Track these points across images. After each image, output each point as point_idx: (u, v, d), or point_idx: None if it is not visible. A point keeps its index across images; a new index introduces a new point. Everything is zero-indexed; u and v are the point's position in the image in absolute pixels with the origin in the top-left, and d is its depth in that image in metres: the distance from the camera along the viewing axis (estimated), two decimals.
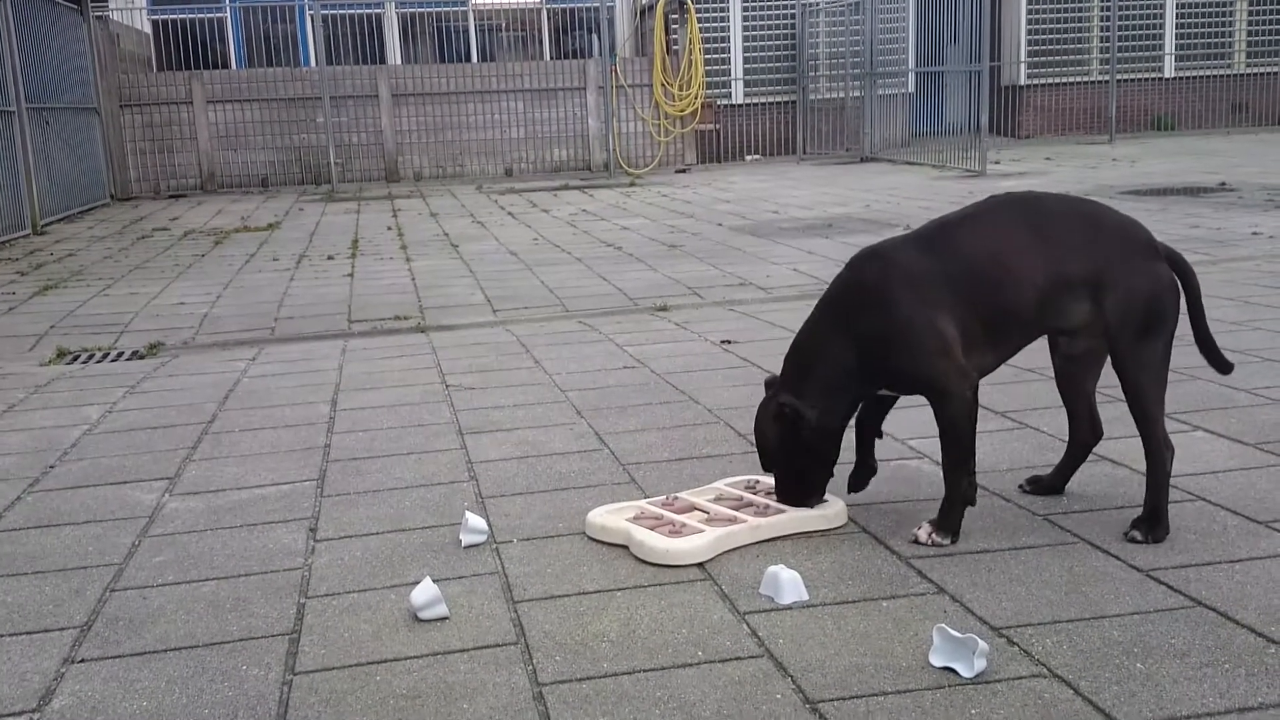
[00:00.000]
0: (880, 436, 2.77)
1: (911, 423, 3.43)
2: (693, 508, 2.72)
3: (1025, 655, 2.02)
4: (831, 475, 2.69)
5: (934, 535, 2.53)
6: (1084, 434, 2.76)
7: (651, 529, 2.57)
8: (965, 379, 2.45)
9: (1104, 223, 2.51)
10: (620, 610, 2.28)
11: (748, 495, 2.79)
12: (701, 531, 2.55)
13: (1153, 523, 2.50)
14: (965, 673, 1.95)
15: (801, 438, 2.58)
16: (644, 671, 2.03)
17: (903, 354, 2.45)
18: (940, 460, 2.56)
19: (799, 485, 2.67)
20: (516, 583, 2.44)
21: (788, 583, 2.29)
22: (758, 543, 2.58)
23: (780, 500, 2.70)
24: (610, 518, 2.66)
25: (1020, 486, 2.84)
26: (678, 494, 2.82)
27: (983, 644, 1.96)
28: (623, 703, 1.93)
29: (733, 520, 2.62)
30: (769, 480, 2.84)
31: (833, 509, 2.69)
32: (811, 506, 2.68)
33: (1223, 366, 2.68)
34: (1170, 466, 2.52)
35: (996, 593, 2.27)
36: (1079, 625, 2.12)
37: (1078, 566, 2.37)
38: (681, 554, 2.48)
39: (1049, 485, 2.81)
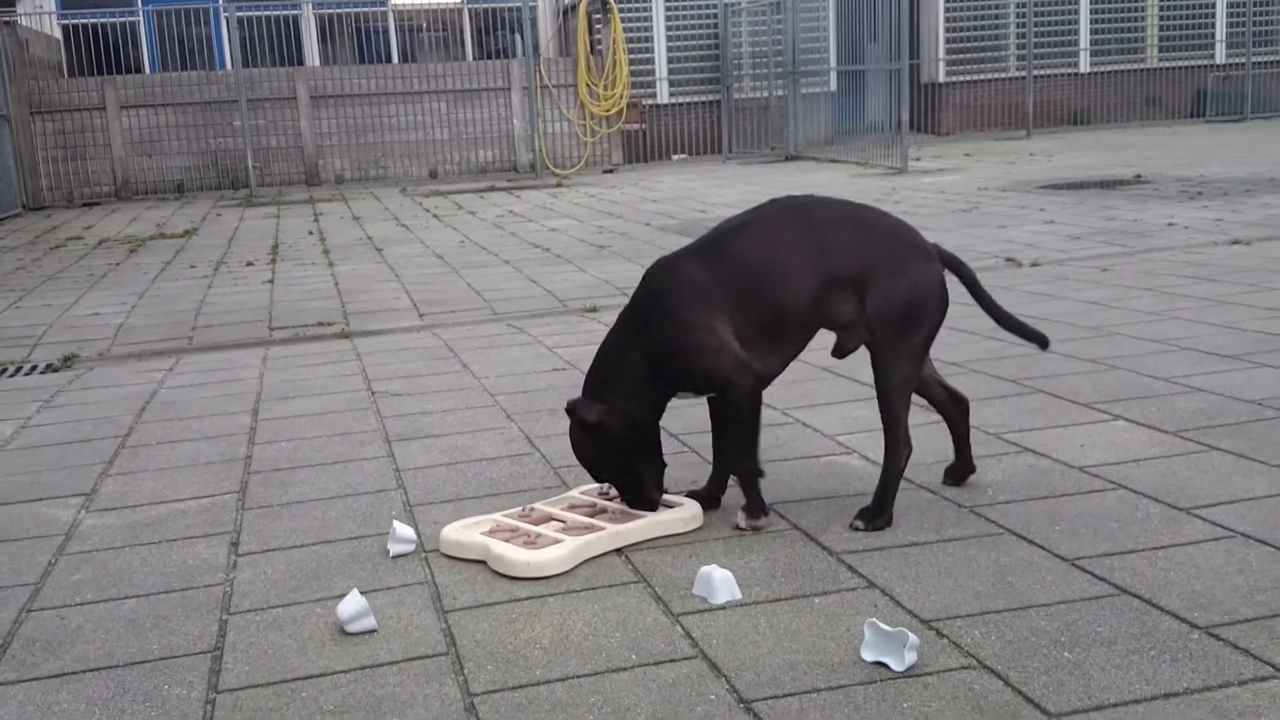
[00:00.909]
0: None
1: (841, 419, 3.45)
2: (550, 518, 2.69)
3: (955, 647, 2.03)
4: (665, 464, 2.73)
5: (749, 521, 2.66)
6: (950, 410, 2.84)
7: (507, 541, 2.53)
8: (745, 372, 2.58)
9: (872, 226, 2.68)
10: (553, 616, 2.26)
11: (601, 502, 2.77)
12: (560, 541, 2.51)
13: (875, 513, 2.62)
14: (896, 666, 1.96)
15: (618, 439, 2.62)
16: (577, 677, 2.01)
17: (686, 356, 2.58)
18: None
19: (639, 483, 2.68)
20: (446, 592, 2.40)
21: (720, 582, 2.29)
22: (617, 550, 2.56)
23: (629, 503, 2.69)
24: (465, 533, 2.60)
25: (945, 481, 2.87)
26: (534, 505, 2.77)
27: (913, 637, 1.97)
28: (556, 710, 1.91)
29: (590, 528, 2.59)
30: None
31: (689, 511, 2.69)
32: (657, 501, 2.69)
33: (1040, 341, 2.89)
34: (904, 464, 2.64)
35: (925, 585, 2.28)
36: (1007, 616, 2.14)
37: (1004, 557, 2.40)
38: (542, 565, 2.44)
39: (961, 469, 2.86)
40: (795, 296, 2.58)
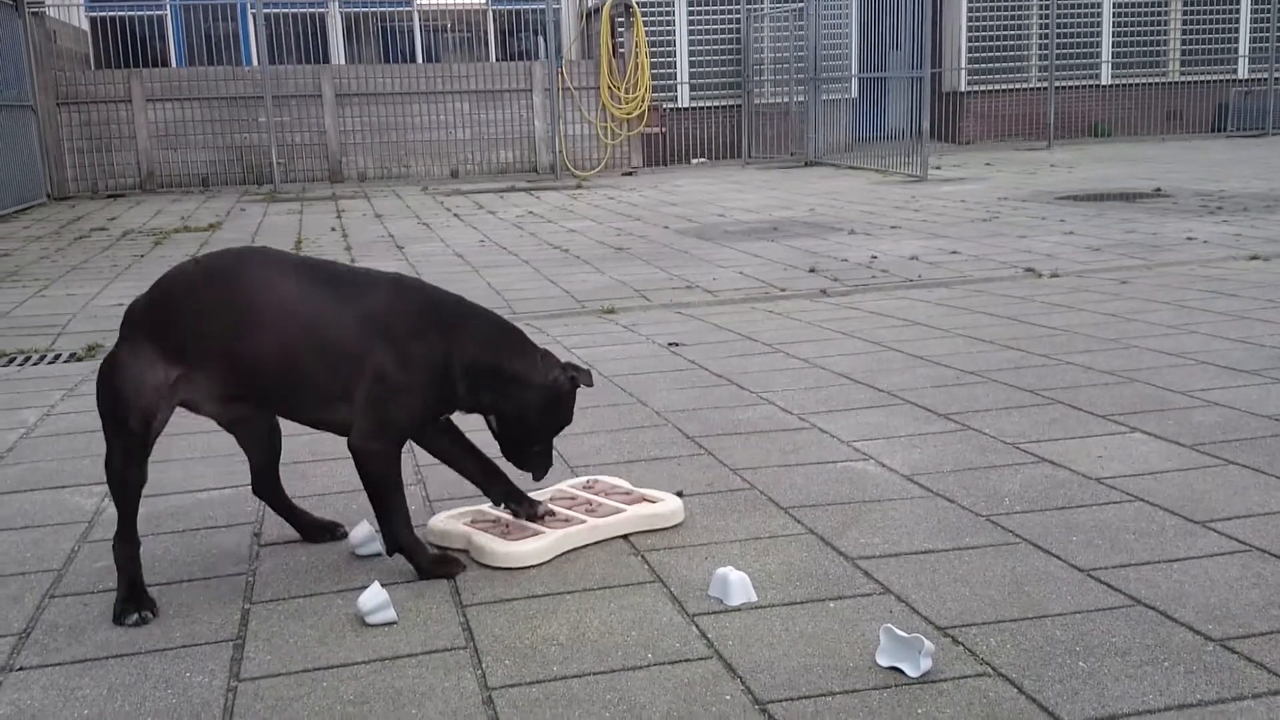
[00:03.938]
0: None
1: (858, 425, 3.47)
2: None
3: (970, 654, 2.04)
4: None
5: None
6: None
7: (486, 531, 2.56)
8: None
9: None
10: (569, 613, 2.28)
11: (582, 494, 2.80)
12: (541, 533, 2.55)
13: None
14: (911, 672, 1.97)
15: None
16: (593, 674, 2.03)
17: None
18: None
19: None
20: (465, 586, 2.42)
21: (736, 584, 2.30)
22: (597, 542, 2.59)
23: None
24: (450, 522, 2.64)
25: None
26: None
27: (928, 644, 1.98)
28: (572, 706, 1.93)
29: (569, 520, 2.62)
30: (608, 480, 2.89)
31: (669, 506, 2.71)
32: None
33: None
34: None
35: (941, 593, 2.30)
36: (1022, 624, 2.15)
37: (1020, 566, 2.41)
38: (522, 556, 2.47)
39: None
40: None
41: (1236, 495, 2.76)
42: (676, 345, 4.73)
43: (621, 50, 15.89)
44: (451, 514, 2.70)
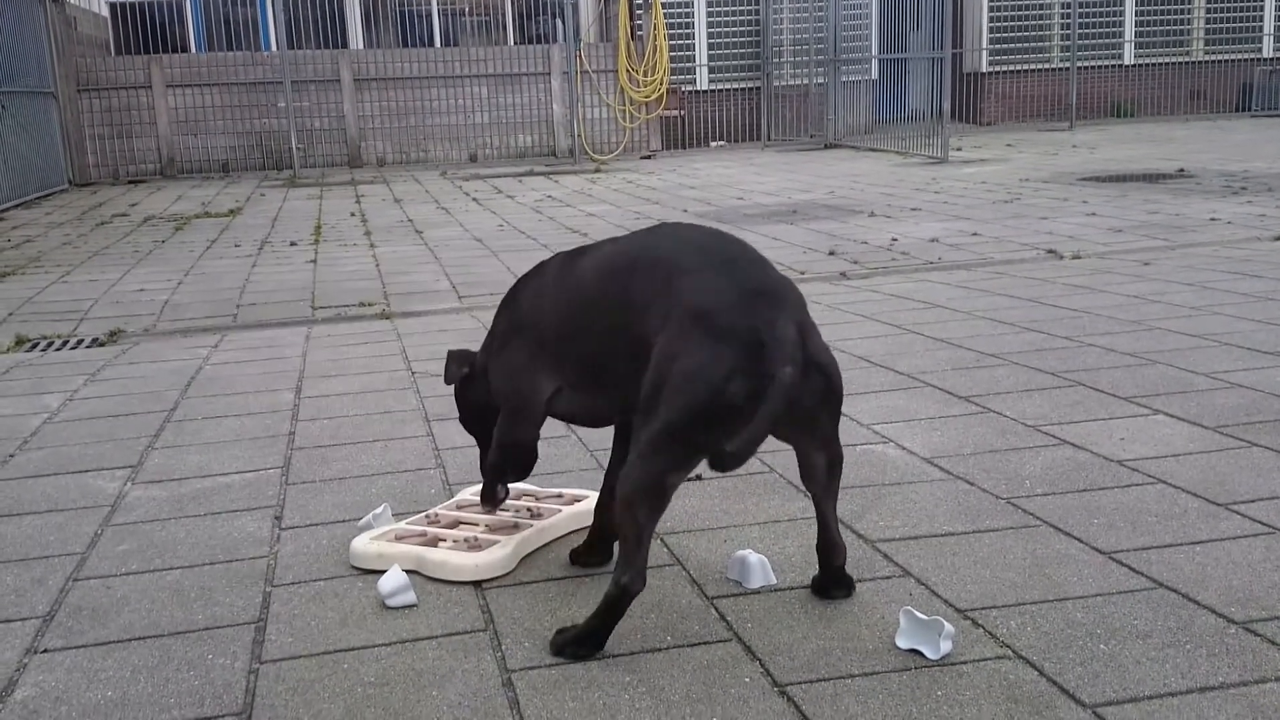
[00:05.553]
0: None
1: (878, 408, 3.45)
2: (458, 522, 2.62)
3: (990, 637, 2.04)
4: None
5: None
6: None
7: (433, 545, 2.47)
8: None
9: None
10: (588, 596, 2.28)
11: (518, 502, 2.71)
12: (498, 542, 2.47)
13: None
14: (931, 655, 1.97)
15: None
16: (613, 656, 2.03)
17: None
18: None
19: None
20: None
21: (755, 567, 2.30)
22: (544, 544, 2.54)
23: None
24: (384, 545, 2.48)
25: None
26: (436, 510, 2.69)
27: (948, 626, 1.97)
28: (592, 688, 1.93)
29: (516, 527, 2.56)
30: (514, 485, 2.73)
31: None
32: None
33: None
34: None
35: (961, 575, 2.29)
36: (1043, 607, 2.14)
37: (1041, 549, 2.40)
38: (491, 566, 2.39)
39: None
40: None
41: (1260, 478, 2.74)
42: None
43: (640, 33, 15.84)
44: (374, 535, 2.54)
